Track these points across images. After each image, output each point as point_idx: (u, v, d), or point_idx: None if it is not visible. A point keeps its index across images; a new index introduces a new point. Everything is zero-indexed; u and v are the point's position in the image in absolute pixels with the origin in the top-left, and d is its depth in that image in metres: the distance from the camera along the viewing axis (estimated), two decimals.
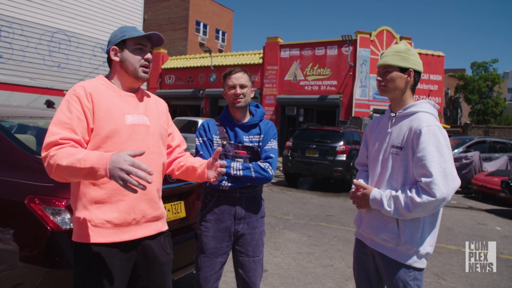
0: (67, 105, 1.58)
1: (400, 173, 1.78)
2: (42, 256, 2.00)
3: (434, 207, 1.66)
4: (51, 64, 15.15)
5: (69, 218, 2.02)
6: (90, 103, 1.60)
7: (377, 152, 1.91)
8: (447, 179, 1.64)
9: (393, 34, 17.31)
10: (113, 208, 1.60)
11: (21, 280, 2.11)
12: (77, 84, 1.66)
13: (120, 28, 1.76)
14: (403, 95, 1.86)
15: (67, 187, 2.06)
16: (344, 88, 17.16)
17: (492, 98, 34.66)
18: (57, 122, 1.54)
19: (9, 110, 3.02)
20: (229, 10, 33.52)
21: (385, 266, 1.84)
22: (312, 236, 5.37)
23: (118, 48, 1.71)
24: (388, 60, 1.84)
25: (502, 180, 8.10)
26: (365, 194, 1.86)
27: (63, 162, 1.42)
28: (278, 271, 3.95)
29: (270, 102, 18.86)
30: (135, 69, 1.70)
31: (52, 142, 1.48)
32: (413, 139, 1.72)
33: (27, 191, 2.06)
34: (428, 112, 1.78)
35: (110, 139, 1.60)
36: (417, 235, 1.75)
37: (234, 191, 2.16)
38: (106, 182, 1.58)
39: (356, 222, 2.05)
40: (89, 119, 1.59)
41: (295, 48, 18.36)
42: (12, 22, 13.79)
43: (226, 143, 2.18)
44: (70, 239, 1.98)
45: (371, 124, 2.07)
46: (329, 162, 9.34)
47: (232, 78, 2.21)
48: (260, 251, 2.26)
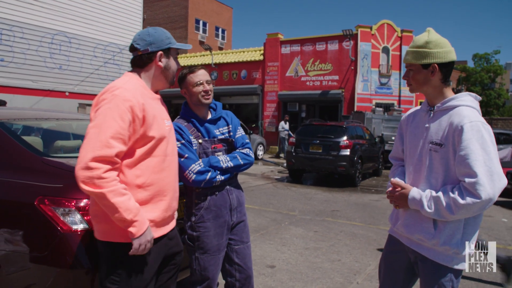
0: (119, 112, 1.58)
1: (440, 171, 1.68)
2: (53, 257, 2.01)
3: (479, 209, 1.56)
4: (52, 66, 15.18)
5: (79, 218, 2.02)
6: (141, 112, 1.64)
7: (414, 148, 1.80)
8: (493, 178, 1.53)
9: (394, 27, 17.23)
10: (154, 207, 1.73)
11: (33, 281, 2.11)
12: (124, 88, 1.64)
13: (162, 31, 1.82)
14: (435, 90, 1.74)
15: (76, 187, 2.07)
16: (346, 82, 17.11)
17: (495, 89, 34.51)
18: (111, 132, 1.54)
19: (14, 113, 3.03)
20: (228, 7, 33.45)
21: (422, 265, 1.76)
22: (319, 231, 5.38)
23: (164, 54, 1.79)
24: (409, 58, 1.75)
25: (507, 172, 8.06)
26: (404, 194, 1.75)
27: (112, 198, 1.52)
28: (286, 267, 3.96)
29: (272, 99, 18.85)
30: (173, 77, 1.87)
31: (107, 158, 1.53)
32: (454, 136, 1.61)
33: (36, 192, 2.06)
34: (470, 106, 1.66)
35: (158, 144, 1.72)
36: (457, 236, 1.66)
37: (224, 184, 2.22)
38: (151, 184, 1.70)
39: (391, 220, 1.96)
40: (137, 129, 1.64)
41: (296, 44, 18.31)
42: (12, 25, 13.81)
43: (202, 141, 2.20)
44: (80, 239, 2.00)
45: (407, 117, 1.95)
46: (333, 157, 9.33)
47: (197, 75, 2.19)
48: (249, 236, 2.41)
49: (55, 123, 3.37)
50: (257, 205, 7.01)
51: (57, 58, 15.41)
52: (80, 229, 2.00)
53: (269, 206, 6.99)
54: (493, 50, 38.73)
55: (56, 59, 15.43)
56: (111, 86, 1.67)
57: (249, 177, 10.61)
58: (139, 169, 1.68)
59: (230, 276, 2.31)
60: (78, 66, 16.13)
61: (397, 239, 1.91)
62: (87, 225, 2.01)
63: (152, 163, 1.72)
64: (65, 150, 3.04)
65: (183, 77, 2.22)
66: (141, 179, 1.68)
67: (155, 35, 1.77)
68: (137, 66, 1.80)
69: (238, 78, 20.02)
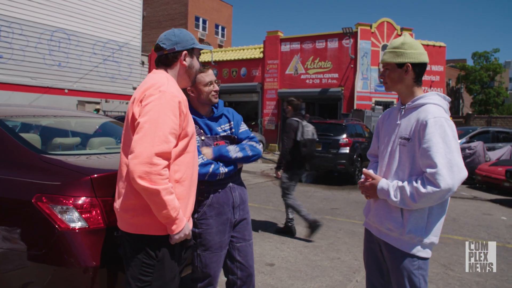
0: (172, 109, 1.65)
1: (407, 164, 1.79)
2: (51, 254, 1.99)
3: (439, 198, 1.67)
4: (51, 63, 15.13)
5: (77, 216, 2.01)
6: (186, 108, 1.74)
7: (387, 143, 1.93)
8: (452, 169, 1.64)
9: (394, 25, 17.19)
10: (189, 202, 1.82)
11: (30, 279, 2.10)
12: (170, 85, 1.72)
13: (186, 32, 1.90)
14: (408, 89, 1.87)
15: (74, 185, 2.06)
16: (346, 81, 17.09)
17: (494, 88, 34.51)
18: (168, 128, 1.61)
19: (12, 110, 3.01)
20: (228, 5, 33.36)
21: (390, 255, 1.86)
22: None
23: (188, 53, 1.86)
24: (385, 58, 1.88)
25: (507, 170, 8.07)
26: (373, 184, 1.87)
27: (164, 195, 1.57)
28: (286, 265, 3.95)
29: (271, 97, 18.82)
30: (195, 77, 1.96)
31: (167, 153, 1.60)
32: (419, 130, 1.73)
33: (34, 190, 2.05)
34: (436, 104, 1.79)
35: (191, 140, 1.80)
36: (422, 224, 1.76)
37: (227, 181, 2.24)
38: (186, 179, 1.77)
39: (364, 212, 2.08)
40: (181, 124, 1.70)
41: (296, 41, 18.27)
42: (11, 22, 13.75)
43: (204, 138, 2.22)
44: (79, 237, 1.99)
45: (383, 115, 2.09)
46: (333, 155, 9.32)
47: (209, 75, 2.23)
48: (251, 234, 2.42)
49: (54, 120, 3.35)
50: (256, 203, 7.00)
51: (56, 55, 15.36)
52: (78, 227, 1.98)
53: (269, 204, 6.98)
54: (492, 49, 38.80)
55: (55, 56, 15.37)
56: (154, 82, 1.72)
57: (249, 175, 10.60)
58: (177, 164, 1.73)
59: (232, 273, 2.32)
60: (77, 63, 16.08)
61: (370, 231, 2.01)
62: (85, 223, 2.00)
63: (187, 158, 1.79)
64: (64, 147, 3.02)
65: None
66: (178, 174, 1.74)
67: (180, 35, 1.85)
68: (163, 64, 1.87)
69: (237, 76, 19.98)
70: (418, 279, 1.79)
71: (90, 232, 2.00)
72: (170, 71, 1.86)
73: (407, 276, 1.78)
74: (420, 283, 1.79)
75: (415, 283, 1.78)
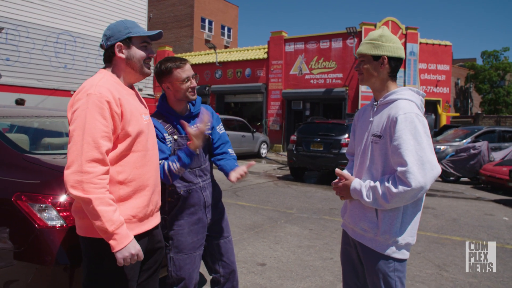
0: (99, 111, 1.56)
1: (380, 162, 1.74)
2: (31, 253, 2.02)
3: (411, 197, 1.62)
4: (57, 65, 15.32)
5: (55, 214, 2.04)
6: (119, 108, 1.63)
7: (360, 141, 1.89)
8: (424, 167, 1.59)
9: (399, 24, 17.05)
10: (136, 203, 1.72)
11: (15, 277, 2.13)
12: (99, 85, 1.61)
13: (122, 22, 1.75)
14: (382, 83, 1.82)
15: (53, 184, 2.08)
16: (350, 80, 17.00)
17: (504, 87, 33.98)
18: (96, 132, 1.53)
19: (1, 110, 3.05)
20: (234, 6, 33.43)
21: (365, 257, 1.81)
22: (314, 229, 5.35)
23: (123, 44, 1.72)
24: (362, 49, 1.83)
25: (511, 170, 7.95)
26: (346, 184, 1.82)
27: (97, 205, 1.50)
28: (277, 265, 3.94)
29: (276, 97, 18.80)
30: (141, 66, 1.77)
31: (98, 158, 1.53)
32: (390, 127, 1.68)
33: (14, 188, 2.08)
34: (408, 99, 1.73)
35: (137, 139, 1.71)
36: (396, 225, 1.71)
37: (197, 182, 2.19)
38: (132, 180, 1.70)
39: (341, 213, 2.04)
40: (117, 124, 1.62)
41: (300, 41, 18.24)
42: (17, 25, 13.96)
43: (177, 138, 2.13)
44: (57, 235, 2.01)
45: (358, 112, 2.05)
46: (334, 155, 9.28)
47: (185, 71, 2.07)
48: (230, 230, 2.40)
49: (47, 121, 3.40)
50: (255, 203, 7.00)
51: (62, 57, 15.54)
52: (57, 225, 2.01)
53: (267, 204, 6.97)
54: (502, 47, 38.15)
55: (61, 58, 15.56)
56: (85, 84, 1.65)
57: (251, 175, 10.60)
58: (120, 165, 1.67)
59: (215, 272, 2.32)
60: (83, 65, 16.25)
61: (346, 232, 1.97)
62: (64, 222, 2.02)
63: (133, 158, 1.71)
64: (53, 147, 3.06)
65: (168, 71, 2.07)
66: (122, 175, 1.67)
67: (113, 28, 1.74)
68: (106, 62, 1.79)
69: (242, 76, 20.01)
70: (394, 281, 1.73)
71: (69, 230, 2.02)
72: (113, 68, 1.76)
73: (383, 278, 1.73)
74: (396, 285, 1.73)
75: (391, 285, 1.73)
